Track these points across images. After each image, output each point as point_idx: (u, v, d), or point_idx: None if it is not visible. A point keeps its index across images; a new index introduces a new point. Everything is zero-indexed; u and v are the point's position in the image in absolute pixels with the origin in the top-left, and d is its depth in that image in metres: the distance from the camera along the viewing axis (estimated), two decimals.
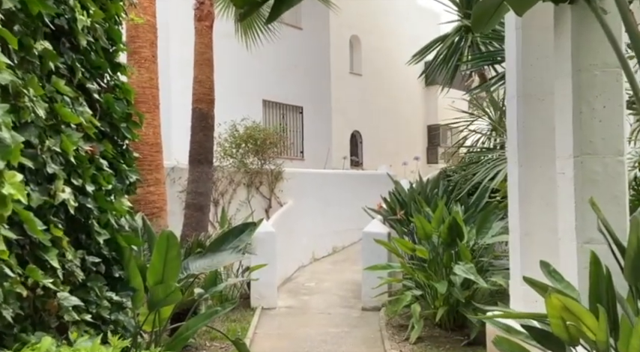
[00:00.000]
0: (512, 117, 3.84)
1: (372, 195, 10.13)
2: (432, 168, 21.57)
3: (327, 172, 10.71)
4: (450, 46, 8.85)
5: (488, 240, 5.02)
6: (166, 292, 2.48)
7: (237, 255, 3.06)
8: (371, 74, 18.16)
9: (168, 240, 2.54)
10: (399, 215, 6.35)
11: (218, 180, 7.66)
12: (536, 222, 3.71)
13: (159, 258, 2.53)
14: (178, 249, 2.56)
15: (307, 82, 14.04)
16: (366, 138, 17.95)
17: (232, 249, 3.14)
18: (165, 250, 2.51)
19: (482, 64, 8.17)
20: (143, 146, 5.47)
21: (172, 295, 2.51)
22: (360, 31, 17.68)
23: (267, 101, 12.87)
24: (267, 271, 6.75)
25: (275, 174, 8.45)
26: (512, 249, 3.87)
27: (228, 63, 11.75)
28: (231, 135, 8.04)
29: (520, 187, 3.74)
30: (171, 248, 2.53)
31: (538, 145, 3.72)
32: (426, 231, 5.17)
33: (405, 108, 20.40)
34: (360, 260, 8.98)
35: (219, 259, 3.01)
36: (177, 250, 2.54)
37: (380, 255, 6.46)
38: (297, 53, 13.81)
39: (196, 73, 6.46)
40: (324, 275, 8.39)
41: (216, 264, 2.99)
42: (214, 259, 3.03)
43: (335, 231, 9.92)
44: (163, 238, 2.54)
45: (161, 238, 2.55)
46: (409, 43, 20.22)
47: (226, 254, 3.07)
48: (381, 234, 6.47)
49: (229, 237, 3.24)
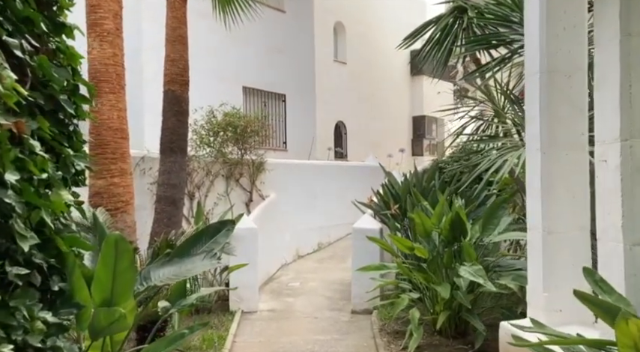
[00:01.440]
0: (533, 97, 3.35)
1: (361, 188, 9.68)
2: (417, 161, 21.32)
3: (312, 163, 10.17)
4: (444, 28, 8.33)
5: (495, 238, 4.54)
6: (110, 319, 1.92)
7: (212, 260, 2.51)
8: (356, 63, 17.71)
9: (117, 246, 1.98)
10: (393, 209, 5.86)
11: (194, 170, 7.07)
12: (562, 218, 3.24)
13: (105, 270, 1.97)
14: (131, 258, 2.01)
15: (290, 68, 13.46)
16: (351, 129, 17.51)
17: (206, 252, 2.59)
18: (113, 260, 1.96)
19: (478, 48, 7.69)
20: (106, 131, 4.87)
21: (118, 323, 1.96)
22: (345, 18, 17.16)
23: (248, 88, 12.26)
24: (248, 271, 6.24)
25: (256, 164, 7.89)
26: (532, 249, 3.39)
27: (205, 46, 11.11)
28: (209, 122, 7.44)
29: (542, 178, 3.26)
30: (122, 257, 1.97)
31: (564, 129, 3.25)
32: (426, 227, 4.68)
33: (391, 98, 20.03)
34: (348, 257, 8.50)
35: (188, 266, 2.46)
36: (129, 259, 1.99)
37: (372, 253, 5.98)
38: (279, 38, 13.21)
39: (168, 51, 5.84)
40: (310, 274, 7.88)
41: (185, 272, 2.44)
42: (183, 266, 2.47)
43: (321, 226, 9.41)
44: (110, 245, 1.98)
45: (107, 245, 1.98)
46: (395, 31, 19.78)
47: (198, 259, 2.52)
48: (373, 231, 5.97)
49: (202, 238, 2.69)
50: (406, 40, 8.92)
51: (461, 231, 4.67)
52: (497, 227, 4.54)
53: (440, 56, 8.36)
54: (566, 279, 3.19)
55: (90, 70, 4.82)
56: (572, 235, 3.23)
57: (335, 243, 9.69)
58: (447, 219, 4.63)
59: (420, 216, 4.60)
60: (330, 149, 14.14)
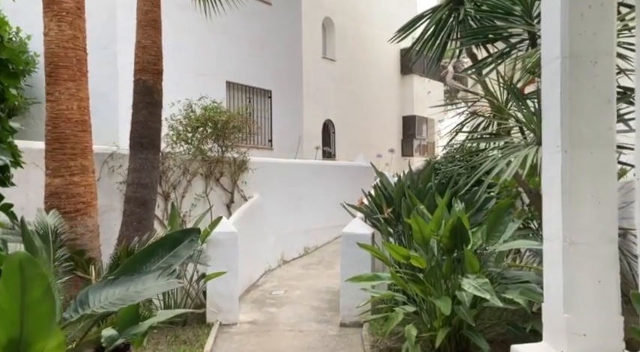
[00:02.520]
0: (551, 87, 2.91)
1: (350, 189, 9.23)
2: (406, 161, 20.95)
3: (299, 162, 9.70)
4: (439, 21, 7.87)
5: (500, 247, 4.11)
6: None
7: (169, 279, 2.03)
8: (345, 60, 17.31)
9: (23, 271, 1.47)
10: (386, 213, 5.40)
11: (169, 169, 6.56)
12: (587, 227, 2.80)
13: (10, 301, 1.49)
14: (45, 286, 1.52)
15: (277, 64, 12.98)
16: (339, 128, 17.10)
17: (162, 269, 2.10)
18: (19, 289, 1.47)
19: (475, 42, 7.26)
20: (65, 123, 4.37)
21: None
22: (334, 14, 16.74)
23: (232, 83, 11.75)
24: (228, 279, 5.76)
25: (238, 163, 7.39)
26: (550, 262, 2.95)
27: (186, 38, 10.60)
28: (187, 117, 6.93)
29: (564, 180, 2.82)
30: (32, 285, 1.47)
31: (589, 123, 2.81)
32: (424, 234, 4.23)
33: (380, 98, 19.69)
34: (336, 263, 8.04)
35: (138, 287, 1.98)
36: (42, 287, 1.50)
37: (363, 261, 5.52)
38: (265, 31, 12.72)
39: (139, 37, 5.34)
40: (295, 282, 7.41)
41: (134, 295, 1.96)
42: (131, 287, 1.99)
43: (307, 229, 8.94)
44: (13, 269, 1.47)
45: (9, 269, 1.47)
46: (385, 29, 19.47)
47: (151, 278, 2.04)
48: (364, 236, 5.52)
49: (158, 251, 2.22)
50: (399, 33, 8.47)
51: (462, 239, 4.23)
52: (503, 234, 4.10)
53: (434, 51, 7.93)
54: (592, 299, 2.77)
55: (46, 53, 4.32)
56: (598, 247, 2.79)
57: (322, 247, 9.23)
58: (448, 226, 4.19)
59: (418, 222, 4.15)
60: (317, 148, 13.68)
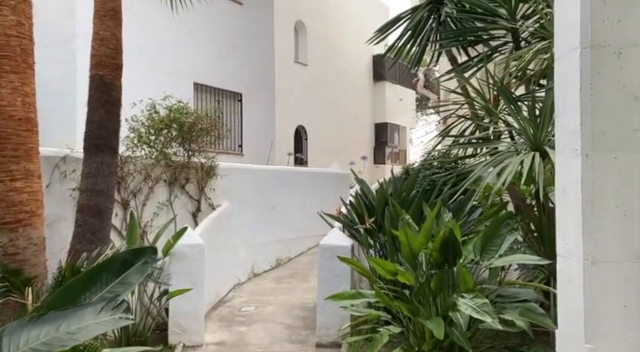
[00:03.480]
0: (568, 83, 2.57)
1: (325, 197, 8.83)
2: (379, 169, 20.74)
3: (271, 168, 9.23)
4: (419, 22, 7.55)
5: (497, 262, 3.75)
6: None
7: (115, 314, 1.56)
8: (317, 65, 17.02)
9: None
10: (367, 223, 5.00)
11: (128, 174, 6.01)
12: (611, 243, 2.44)
13: None
14: None
15: (248, 66, 12.53)
16: (312, 134, 16.73)
17: (106, 300, 1.63)
18: None
19: (455, 44, 6.99)
20: (6, 121, 3.84)
21: None
22: (306, 18, 16.42)
23: (200, 84, 11.22)
24: (192, 296, 5.27)
25: (206, 168, 6.89)
26: (567, 283, 2.59)
27: (152, 36, 10.05)
28: (150, 118, 6.39)
29: (584, 189, 2.46)
30: None
31: (613, 123, 2.47)
32: (413, 248, 3.85)
33: (353, 104, 19.47)
34: (311, 275, 7.60)
35: (73, 326, 1.52)
36: None
37: (342, 276, 5.11)
38: (236, 32, 12.26)
39: (97, 28, 4.82)
40: (267, 297, 6.92)
41: (66, 337, 1.49)
42: (63, 326, 1.53)
43: (280, 240, 8.47)
44: None
45: None
46: (357, 35, 19.32)
47: (91, 313, 1.58)
48: (343, 249, 5.10)
49: (103, 276, 1.76)
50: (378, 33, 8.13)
51: (454, 252, 3.87)
52: (500, 248, 3.75)
53: (413, 53, 7.62)
54: (618, 327, 2.40)
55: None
56: (624, 266, 2.43)
57: (296, 259, 8.77)
58: (438, 238, 3.81)
59: (407, 234, 3.76)
60: (290, 154, 13.26)
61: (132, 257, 1.82)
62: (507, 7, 5.95)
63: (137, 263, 1.81)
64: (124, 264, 1.81)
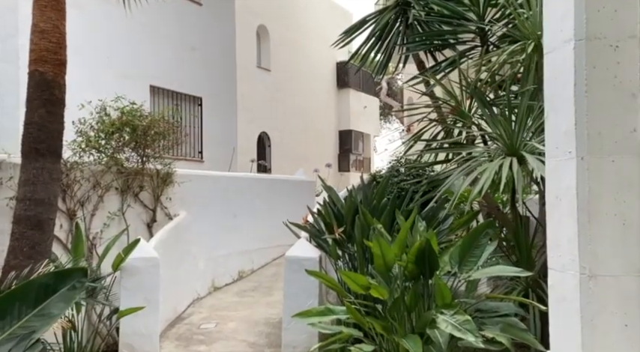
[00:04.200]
0: (560, 79, 2.36)
1: (291, 205, 8.48)
2: (344, 177, 20.55)
3: (233, 176, 8.85)
4: (386, 24, 7.35)
5: (476, 274, 3.51)
6: None
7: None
8: (280, 71, 16.76)
9: None
10: (336, 233, 4.71)
11: (75, 182, 5.55)
12: (611, 255, 2.23)
13: None
14: None
15: (208, 70, 12.13)
16: (275, 141, 16.41)
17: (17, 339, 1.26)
18: None
19: (423, 48, 6.84)
20: None
21: None
22: (269, 22, 16.14)
23: (157, 87, 10.74)
24: (146, 314, 4.86)
25: (162, 175, 6.47)
26: (558, 300, 2.37)
27: (105, 36, 9.54)
28: (100, 121, 5.94)
29: (580, 195, 2.25)
30: None
31: (610, 123, 2.26)
32: (387, 259, 3.58)
33: (316, 111, 19.28)
34: (275, 288, 7.25)
35: None
36: None
37: (309, 289, 4.81)
38: (196, 34, 11.85)
39: (36, 19, 4.38)
40: (228, 312, 6.53)
41: None
42: None
43: (243, 251, 8.09)
44: None
45: None
46: (321, 42, 19.17)
47: None
48: (310, 261, 4.80)
49: (15, 308, 1.37)
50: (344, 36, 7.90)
51: (430, 264, 3.62)
52: (480, 259, 3.52)
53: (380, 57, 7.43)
54: (618, 347, 2.18)
55: None
56: (623, 280, 2.22)
57: (259, 271, 8.39)
58: (413, 249, 3.56)
59: (381, 245, 3.49)
60: (253, 161, 12.87)
61: (55, 281, 1.47)
62: (475, 9, 5.82)
63: (62, 288, 1.45)
64: (45, 290, 1.45)
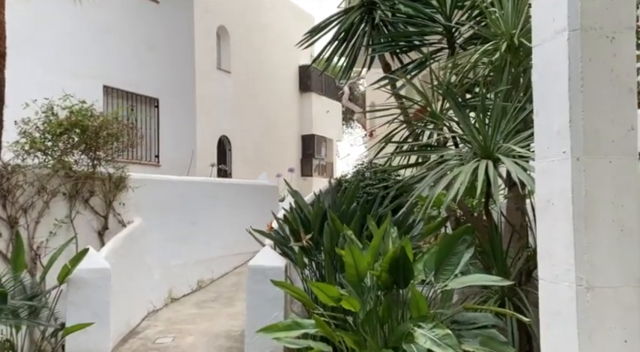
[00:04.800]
0: (554, 71, 2.20)
1: (253, 211, 8.20)
2: (306, 182, 20.31)
3: (192, 180, 8.45)
4: (351, 25, 7.16)
5: (453, 283, 3.32)
6: None
7: None
8: (241, 73, 16.44)
9: None
10: (304, 240, 4.45)
11: (17, 186, 5.10)
12: (609, 265, 2.06)
13: None
14: None
15: (165, 70, 11.68)
16: (236, 144, 16.04)
17: None
18: None
19: (389, 50, 6.70)
20: None
21: None
22: (229, 23, 15.80)
23: (111, 88, 10.24)
24: (95, 330, 4.48)
25: (115, 180, 6.05)
26: (551, 314, 2.20)
27: (55, 32, 9.00)
28: (46, 122, 5.49)
29: (576, 199, 2.08)
30: None
31: (607, 120, 2.10)
32: (360, 269, 3.35)
33: (279, 115, 19.02)
34: (237, 299, 6.93)
35: None
36: None
37: (274, 301, 4.53)
38: (152, 33, 11.41)
39: None
40: (186, 325, 6.16)
41: None
42: None
43: (202, 260, 7.71)
44: None
45: None
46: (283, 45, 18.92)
47: None
48: (276, 270, 4.52)
49: None
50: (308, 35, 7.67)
51: (405, 273, 3.41)
52: (457, 267, 3.33)
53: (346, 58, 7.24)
54: None
55: None
56: (623, 292, 2.05)
57: (220, 280, 8.02)
58: (387, 257, 3.34)
59: (354, 254, 3.26)
60: (213, 165, 12.47)
61: None
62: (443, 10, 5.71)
63: None
64: None
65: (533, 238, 4.23)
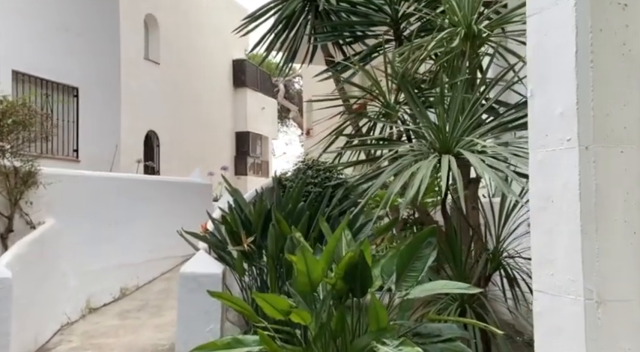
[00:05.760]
0: (557, 44, 1.88)
1: (185, 211, 7.56)
2: (241, 180, 19.62)
3: (115, 177, 7.68)
4: (293, 13, 6.72)
5: (416, 291, 2.97)
6: None
7: None
8: (171, 65, 15.62)
9: None
10: (245, 244, 3.95)
11: None
12: (621, 274, 1.75)
13: None
14: None
15: (87, 57, 10.73)
16: (165, 140, 15.21)
17: None
18: None
19: (333, 39, 6.38)
20: None
21: None
22: (158, 12, 14.97)
23: (22, 73, 9.20)
24: None
25: (23, 175, 5.26)
26: (552, 332, 1.88)
27: None
28: None
29: (585, 196, 1.76)
30: None
31: (620, 104, 1.79)
32: (313, 277, 2.92)
33: (211, 110, 18.27)
34: (166, 307, 6.30)
35: None
36: None
37: (210, 312, 4.03)
38: (73, 15, 10.44)
39: None
40: (107, 339, 5.47)
41: None
42: None
43: (125, 264, 6.99)
44: None
45: None
46: (215, 37, 18.19)
47: None
48: (213, 278, 4.00)
49: None
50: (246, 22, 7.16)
51: (362, 281, 3.02)
52: (421, 273, 2.97)
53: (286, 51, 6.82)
54: None
55: None
56: (636, 306, 1.74)
57: (146, 287, 7.31)
58: (343, 263, 2.93)
59: (307, 260, 2.83)
60: (139, 162, 11.63)
61: None
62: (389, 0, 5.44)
63: None
64: None
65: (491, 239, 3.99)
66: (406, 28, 5.53)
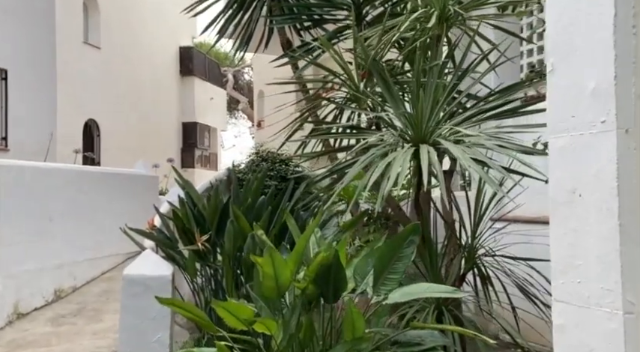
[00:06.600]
0: (586, 11, 1.56)
1: (129, 205, 7.04)
2: (188, 173, 18.87)
3: (50, 167, 6.97)
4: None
5: (396, 295, 2.65)
6: None
7: None
8: (113, 51, 14.78)
9: None
10: (199, 242, 3.52)
11: None
12: None
13: None
14: None
15: (17, 37, 9.87)
16: (106, 130, 14.38)
17: None
18: None
19: (290, 22, 6.01)
20: None
21: None
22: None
23: None
24: None
25: None
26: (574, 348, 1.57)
27: None
28: None
29: (623, 189, 1.47)
30: None
31: None
32: (281, 281, 2.56)
33: (157, 99, 17.48)
34: (106, 312, 5.76)
35: None
36: None
37: (158, 319, 3.57)
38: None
39: None
40: (37, 349, 4.89)
41: None
42: None
43: (61, 264, 6.36)
44: None
45: None
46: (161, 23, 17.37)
47: None
48: (161, 280, 3.54)
49: None
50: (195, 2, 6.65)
51: (336, 284, 2.69)
52: (402, 275, 2.66)
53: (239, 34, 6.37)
54: None
55: None
56: None
57: (84, 288, 6.68)
58: (315, 265, 2.58)
59: (275, 262, 2.46)
60: (77, 152, 10.82)
61: None
62: None
63: None
64: None
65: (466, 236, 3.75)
66: (368, 12, 5.23)
